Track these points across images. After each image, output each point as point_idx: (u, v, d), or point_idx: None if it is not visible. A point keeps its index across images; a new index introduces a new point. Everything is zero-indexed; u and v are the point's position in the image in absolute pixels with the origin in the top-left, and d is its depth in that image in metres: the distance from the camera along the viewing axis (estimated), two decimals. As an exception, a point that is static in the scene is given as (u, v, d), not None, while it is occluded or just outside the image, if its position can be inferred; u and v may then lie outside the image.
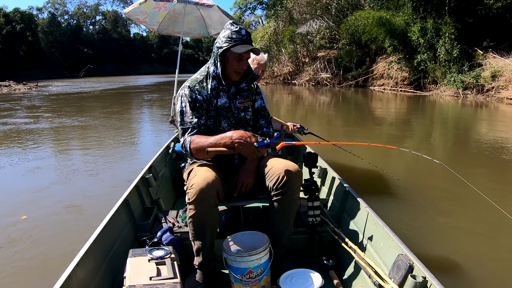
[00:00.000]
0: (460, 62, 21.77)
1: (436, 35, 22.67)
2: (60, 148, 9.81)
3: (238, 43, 2.76)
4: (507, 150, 8.62)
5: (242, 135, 2.58)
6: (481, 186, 5.76)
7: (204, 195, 2.51)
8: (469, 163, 7.73)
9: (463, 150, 9.33)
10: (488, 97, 19.69)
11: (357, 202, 3.23)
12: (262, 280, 2.62)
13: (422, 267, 2.20)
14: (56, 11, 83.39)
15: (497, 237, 4.38)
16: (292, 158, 5.64)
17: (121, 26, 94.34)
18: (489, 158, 7.99)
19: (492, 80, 19.97)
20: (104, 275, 2.56)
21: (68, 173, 7.29)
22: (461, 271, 3.62)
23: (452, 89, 21.70)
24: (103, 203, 5.23)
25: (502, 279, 3.56)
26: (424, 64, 23.60)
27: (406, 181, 5.94)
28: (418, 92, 23.75)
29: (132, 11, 6.77)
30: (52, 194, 6.10)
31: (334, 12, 31.74)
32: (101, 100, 24.42)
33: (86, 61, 73.86)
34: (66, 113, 16.54)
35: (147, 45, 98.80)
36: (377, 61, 29.16)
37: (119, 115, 16.34)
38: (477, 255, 3.99)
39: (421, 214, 4.68)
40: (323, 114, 17.05)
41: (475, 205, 5.06)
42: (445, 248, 4.00)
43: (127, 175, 6.18)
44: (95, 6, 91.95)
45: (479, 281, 3.48)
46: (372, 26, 24.90)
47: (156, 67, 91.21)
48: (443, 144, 10.37)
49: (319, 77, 31.47)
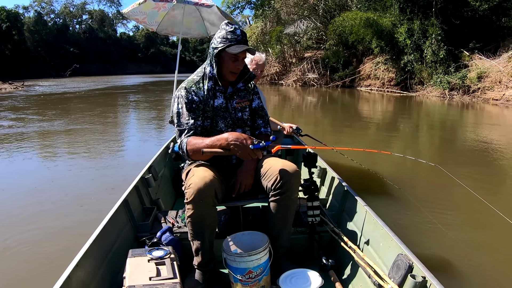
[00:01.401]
0: (446, 63, 21.89)
1: (423, 36, 22.78)
2: (59, 148, 9.64)
3: (233, 44, 2.74)
4: (499, 151, 8.66)
5: (238, 137, 2.58)
6: (475, 186, 5.80)
7: (202, 195, 2.51)
8: (459, 163, 7.67)
9: (452, 149, 9.27)
10: (474, 97, 19.77)
11: (356, 202, 3.23)
12: (261, 280, 2.63)
13: (422, 267, 2.20)
14: (43, 10, 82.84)
15: (497, 237, 4.37)
16: (291, 158, 5.65)
17: (107, 25, 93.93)
18: (480, 158, 7.98)
19: (478, 81, 20.07)
20: (103, 275, 2.56)
21: (67, 173, 7.24)
22: (461, 270, 3.61)
23: (438, 90, 21.77)
24: (102, 203, 5.25)
25: (501, 279, 3.55)
26: (411, 65, 23.66)
27: (405, 181, 5.94)
28: (404, 93, 23.79)
29: (131, 11, 6.70)
30: (51, 194, 6.06)
31: (321, 12, 31.76)
32: (97, 100, 24.19)
33: (72, 60, 73.32)
34: (56, 115, 16.29)
35: (133, 44, 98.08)
36: (364, 61, 29.22)
37: (114, 117, 16.22)
38: (477, 255, 3.97)
39: (421, 214, 4.66)
40: (310, 114, 16.92)
41: (474, 206, 5.03)
42: (445, 248, 3.98)
43: (127, 176, 6.11)
44: (82, 5, 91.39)
45: (478, 281, 3.46)
46: (359, 27, 24.93)
47: (142, 66, 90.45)
48: (432, 144, 10.33)
49: (306, 78, 31.45)
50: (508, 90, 18.37)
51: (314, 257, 3.19)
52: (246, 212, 3.38)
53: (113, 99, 24.92)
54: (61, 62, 72.29)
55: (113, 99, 24.92)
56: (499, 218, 3.08)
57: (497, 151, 8.53)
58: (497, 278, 3.57)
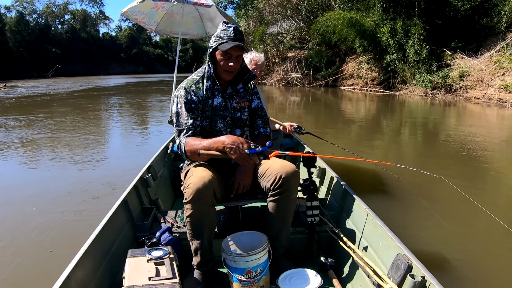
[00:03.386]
0: (428, 62, 22.00)
1: (406, 36, 22.89)
2: (57, 150, 9.49)
3: (225, 41, 2.73)
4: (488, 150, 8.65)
5: (234, 141, 2.53)
6: (467, 186, 5.93)
7: (201, 194, 2.51)
8: (459, 163, 7.67)
9: (438, 151, 9.26)
10: (456, 96, 19.84)
11: (356, 202, 3.23)
12: (261, 280, 2.62)
13: (421, 267, 2.18)
14: (25, 10, 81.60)
15: (496, 237, 4.37)
16: (290, 158, 5.61)
17: (90, 25, 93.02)
18: (472, 160, 7.94)
19: (460, 80, 20.15)
20: (103, 275, 2.55)
21: (66, 174, 7.19)
22: (460, 270, 3.59)
23: (421, 89, 21.84)
24: (101, 203, 5.29)
25: (501, 279, 3.52)
26: (394, 64, 23.73)
27: (405, 182, 5.94)
28: (387, 92, 23.84)
29: (130, 10, 6.66)
30: (50, 194, 6.06)
31: (304, 12, 31.87)
32: (94, 101, 24.02)
33: (55, 61, 72.43)
34: (45, 116, 16.05)
35: (116, 45, 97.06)
36: (347, 61, 29.28)
37: (110, 118, 16.09)
38: (476, 255, 3.96)
39: (420, 214, 4.66)
40: (293, 114, 16.77)
41: (472, 206, 5.08)
42: (444, 248, 3.97)
43: (126, 176, 6.09)
44: (64, 5, 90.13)
45: (478, 281, 3.44)
46: (342, 26, 25.00)
47: (125, 67, 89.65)
48: (431, 149, 10.27)
49: (289, 77, 31.43)
50: (489, 89, 18.41)
51: (313, 257, 3.20)
52: (246, 212, 3.38)
53: (107, 100, 24.66)
54: (44, 63, 71.37)
55: (107, 100, 24.66)
56: (499, 220, 3.07)
57: (486, 151, 8.53)
58: (497, 278, 3.55)
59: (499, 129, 12.25)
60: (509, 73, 17.95)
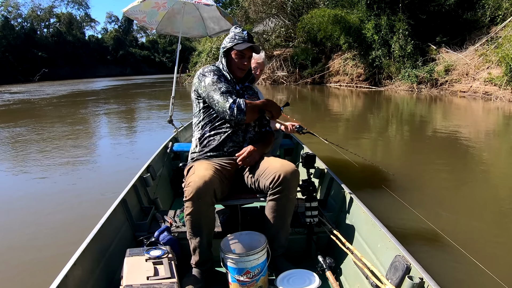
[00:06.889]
0: (414, 57, 22.02)
1: (390, 32, 22.90)
2: (57, 150, 9.42)
3: (240, 42, 2.99)
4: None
5: (273, 103, 3.09)
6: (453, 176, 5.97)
7: (201, 193, 2.55)
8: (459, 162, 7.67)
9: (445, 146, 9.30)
10: (442, 90, 19.85)
11: (354, 203, 3.24)
12: (259, 280, 2.64)
13: (420, 268, 2.19)
14: (9, 14, 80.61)
15: (496, 237, 4.36)
16: (290, 158, 5.68)
17: (75, 28, 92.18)
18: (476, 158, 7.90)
19: (445, 74, 20.16)
20: (101, 274, 2.56)
21: (65, 173, 7.28)
22: (459, 272, 3.59)
23: (406, 84, 21.83)
24: (100, 202, 5.25)
25: (500, 279, 3.48)
26: (379, 60, 23.69)
27: (405, 183, 5.91)
28: (373, 88, 23.84)
29: (131, 9, 6.68)
30: (49, 194, 6.11)
31: (289, 10, 31.84)
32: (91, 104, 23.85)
33: (41, 65, 71.77)
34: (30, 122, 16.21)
35: (102, 47, 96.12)
36: (333, 58, 29.18)
37: (107, 119, 16.18)
38: (476, 255, 3.90)
39: (419, 216, 4.61)
40: (286, 112, 16.74)
41: (472, 206, 5.15)
42: (443, 249, 3.95)
43: (125, 175, 5.99)
44: (49, 9, 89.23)
45: (478, 282, 3.44)
46: (327, 23, 24.93)
47: (112, 69, 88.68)
48: (429, 143, 10.38)
49: (275, 76, 31.38)
50: (474, 82, 18.41)
51: (312, 258, 3.20)
52: (245, 212, 3.39)
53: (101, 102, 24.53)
54: (30, 67, 70.61)
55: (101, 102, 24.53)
56: (498, 219, 3.02)
57: (472, 143, 8.51)
58: (497, 278, 3.50)
59: (484, 122, 12.26)
60: (495, 66, 17.99)
